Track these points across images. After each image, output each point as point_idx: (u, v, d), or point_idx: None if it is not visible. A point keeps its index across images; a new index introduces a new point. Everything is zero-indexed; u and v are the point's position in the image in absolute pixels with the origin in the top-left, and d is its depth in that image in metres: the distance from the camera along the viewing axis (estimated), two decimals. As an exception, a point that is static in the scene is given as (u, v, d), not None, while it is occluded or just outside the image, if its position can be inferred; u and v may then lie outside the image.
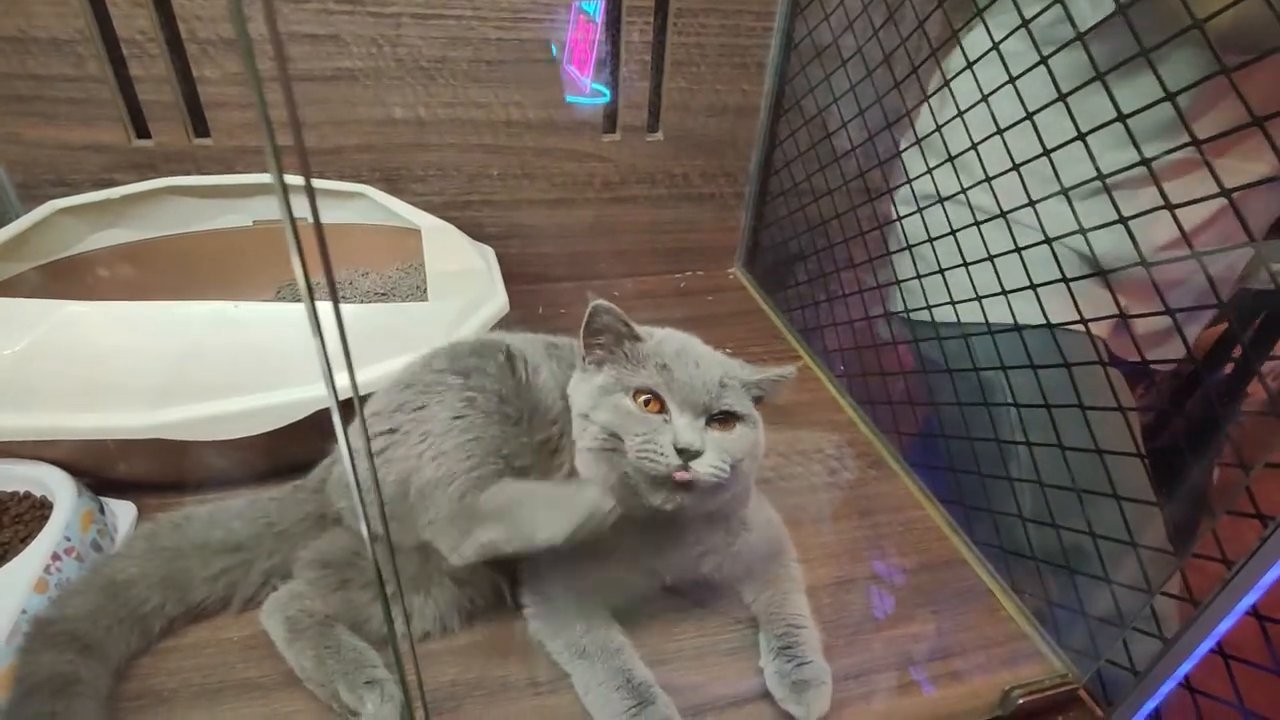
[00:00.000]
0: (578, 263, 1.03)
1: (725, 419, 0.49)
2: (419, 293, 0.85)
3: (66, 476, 0.59)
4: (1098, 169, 0.54)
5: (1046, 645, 0.58)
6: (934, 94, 0.74)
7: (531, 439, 0.54)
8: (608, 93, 0.92)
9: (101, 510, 0.60)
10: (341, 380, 0.62)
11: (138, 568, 0.52)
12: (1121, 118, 0.52)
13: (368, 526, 0.33)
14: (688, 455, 0.45)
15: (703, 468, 0.46)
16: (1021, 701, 0.51)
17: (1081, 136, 0.54)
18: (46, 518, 0.57)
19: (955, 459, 0.72)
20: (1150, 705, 0.51)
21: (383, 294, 0.86)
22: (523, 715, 0.50)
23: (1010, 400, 0.65)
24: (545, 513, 0.45)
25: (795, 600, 0.56)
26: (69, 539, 0.54)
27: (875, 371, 0.83)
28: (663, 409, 0.48)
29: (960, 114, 0.67)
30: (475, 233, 0.89)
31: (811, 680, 0.50)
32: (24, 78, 0.76)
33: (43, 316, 0.57)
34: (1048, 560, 0.60)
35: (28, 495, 0.60)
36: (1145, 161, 0.51)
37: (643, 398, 0.48)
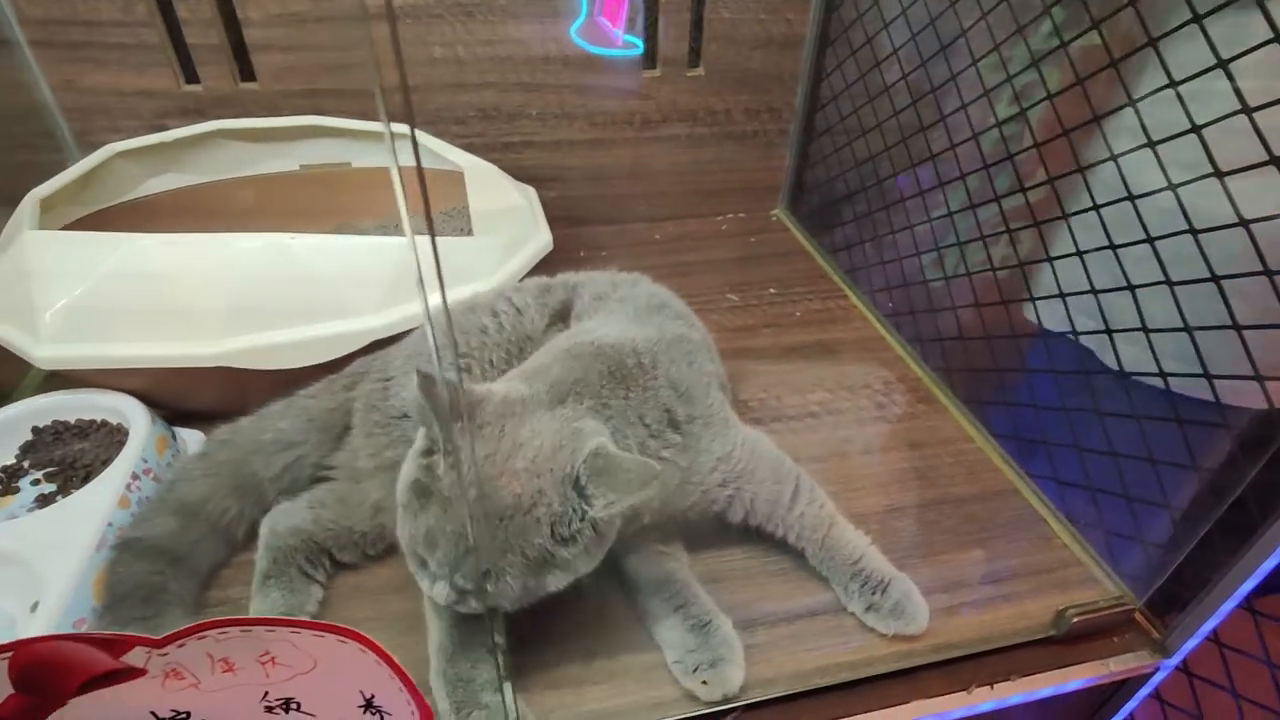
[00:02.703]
0: (618, 205, 1.02)
1: None
2: (463, 233, 0.85)
3: (140, 405, 0.61)
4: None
5: (1101, 571, 0.57)
6: None
7: None
8: (641, 43, 0.90)
9: (174, 437, 0.63)
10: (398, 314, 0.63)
11: (208, 485, 0.55)
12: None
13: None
14: None
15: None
16: (1076, 621, 0.51)
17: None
18: (123, 443, 0.60)
19: (1009, 394, 0.70)
20: (1208, 626, 0.51)
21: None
22: (577, 624, 0.52)
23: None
24: None
25: (839, 536, 0.55)
26: (145, 461, 0.57)
27: (926, 309, 0.81)
28: None
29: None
30: (516, 174, 0.89)
31: (901, 598, 0.51)
32: (76, 24, 0.77)
33: (112, 251, 0.59)
34: (1104, 488, 0.59)
35: (104, 423, 0.63)
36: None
37: None
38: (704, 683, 0.47)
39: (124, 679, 0.31)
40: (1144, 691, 0.55)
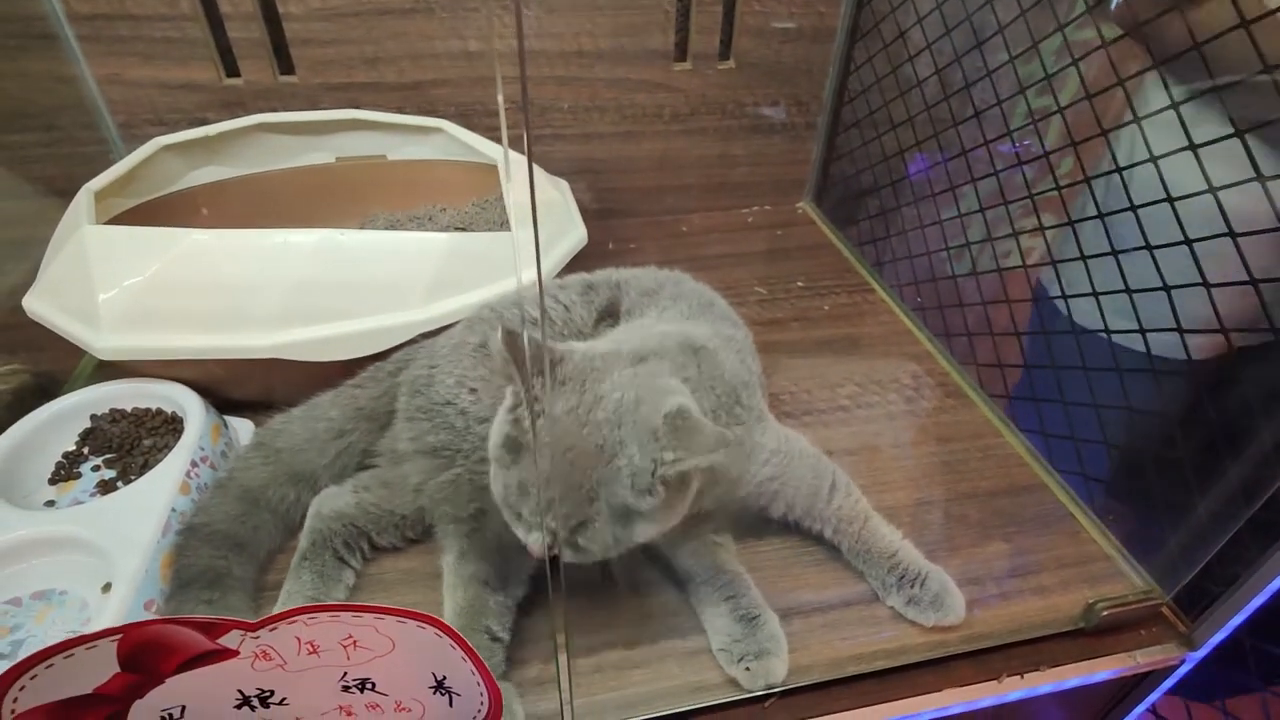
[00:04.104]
0: (647, 197, 1.03)
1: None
2: (496, 227, 0.86)
3: (194, 394, 0.64)
4: None
5: (1129, 565, 0.59)
6: None
7: None
8: None
9: (225, 426, 0.65)
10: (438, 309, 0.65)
11: (268, 472, 0.57)
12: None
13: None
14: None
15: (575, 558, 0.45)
16: (1105, 614, 0.52)
17: None
18: (179, 431, 0.62)
19: (1038, 389, 0.71)
20: (1236, 620, 0.52)
21: (461, 228, 0.88)
22: (620, 612, 0.54)
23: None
24: None
25: (875, 531, 0.56)
26: (203, 449, 0.60)
27: (954, 303, 0.82)
28: None
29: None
30: (547, 167, 0.90)
31: (940, 590, 0.53)
32: (123, 18, 0.78)
33: (169, 245, 0.61)
34: (1133, 483, 0.60)
35: (160, 411, 0.65)
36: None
37: None
38: (748, 670, 0.49)
39: (218, 659, 0.33)
40: (1168, 683, 0.56)
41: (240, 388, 0.67)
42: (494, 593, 0.50)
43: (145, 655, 0.31)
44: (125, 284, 0.61)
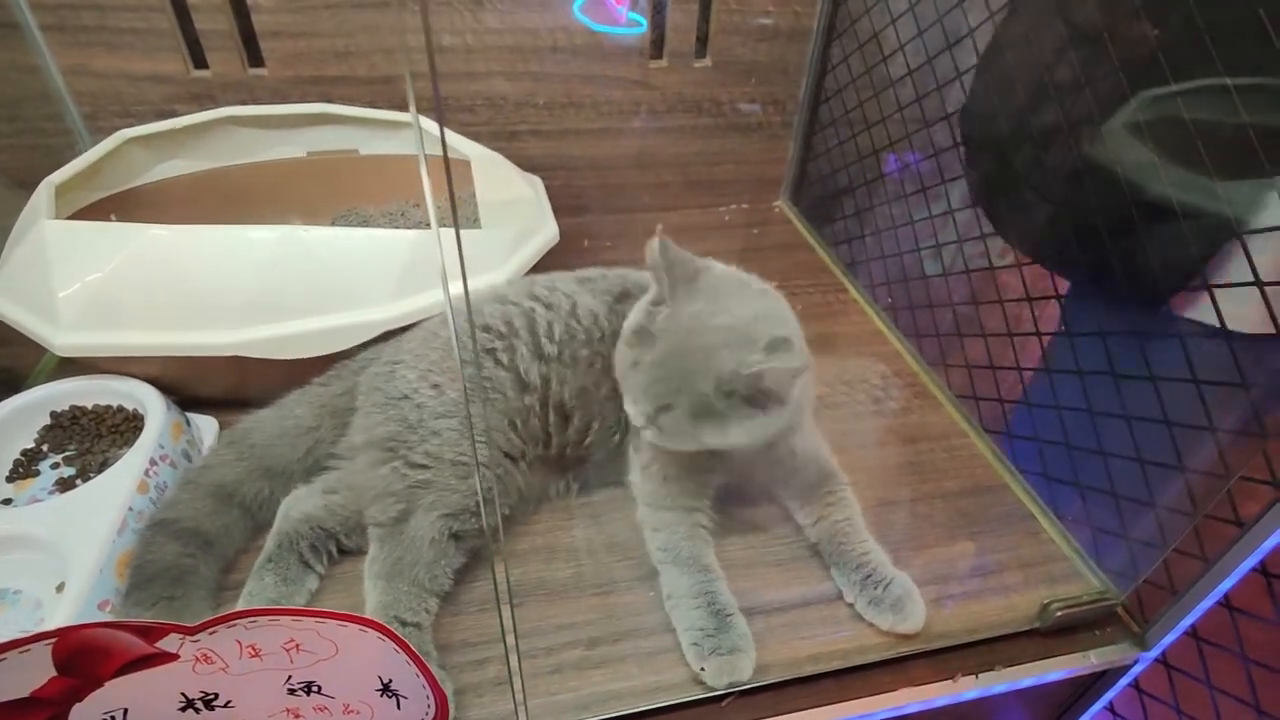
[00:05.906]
0: (622, 195, 1.03)
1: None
2: (469, 224, 0.86)
3: (155, 391, 0.63)
4: None
5: (1086, 566, 0.59)
6: None
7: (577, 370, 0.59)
8: (644, 22, 0.90)
9: (188, 424, 0.65)
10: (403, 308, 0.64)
11: (242, 467, 0.57)
12: None
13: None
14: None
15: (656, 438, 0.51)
16: (1060, 614, 0.53)
17: None
18: (139, 429, 0.61)
19: (1001, 390, 0.72)
20: (1187, 622, 0.53)
21: (434, 225, 0.88)
22: (582, 612, 0.54)
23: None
24: None
25: (856, 529, 0.57)
26: (163, 447, 0.59)
27: (924, 304, 0.82)
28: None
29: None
30: (521, 163, 0.89)
31: (903, 595, 0.53)
32: (88, 8, 0.77)
33: (127, 240, 0.60)
34: (1091, 486, 0.61)
35: (121, 409, 0.64)
36: None
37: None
38: (707, 668, 0.49)
39: (157, 662, 0.33)
40: (1123, 682, 0.57)
41: (204, 385, 0.66)
42: (401, 583, 0.51)
43: (82, 659, 0.31)
44: (85, 280, 0.60)
